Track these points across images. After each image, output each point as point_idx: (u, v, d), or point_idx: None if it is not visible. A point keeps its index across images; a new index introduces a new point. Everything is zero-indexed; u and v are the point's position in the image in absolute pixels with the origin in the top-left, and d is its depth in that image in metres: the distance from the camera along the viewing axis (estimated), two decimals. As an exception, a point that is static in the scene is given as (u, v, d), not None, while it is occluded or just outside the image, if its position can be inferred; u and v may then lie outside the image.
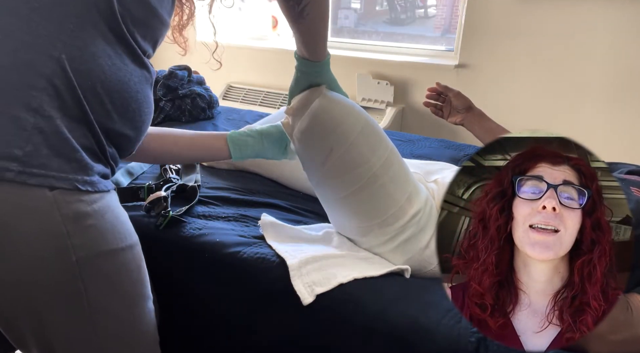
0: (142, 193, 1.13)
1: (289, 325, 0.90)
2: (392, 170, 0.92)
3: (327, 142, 0.89)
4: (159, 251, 1.04)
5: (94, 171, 0.69)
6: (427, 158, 1.57)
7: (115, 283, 0.73)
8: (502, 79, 2.50)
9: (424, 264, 0.96)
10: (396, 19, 3.14)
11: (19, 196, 0.62)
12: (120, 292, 0.74)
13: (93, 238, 0.68)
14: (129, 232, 0.75)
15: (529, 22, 2.34)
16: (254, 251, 0.96)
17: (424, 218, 0.94)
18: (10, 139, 0.61)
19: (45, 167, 0.63)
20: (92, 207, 0.67)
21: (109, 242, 0.70)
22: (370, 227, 0.95)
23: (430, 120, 2.77)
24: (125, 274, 0.74)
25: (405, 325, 0.81)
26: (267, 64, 3.19)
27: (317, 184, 0.98)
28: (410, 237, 0.94)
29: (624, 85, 2.22)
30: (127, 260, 0.74)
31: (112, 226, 0.71)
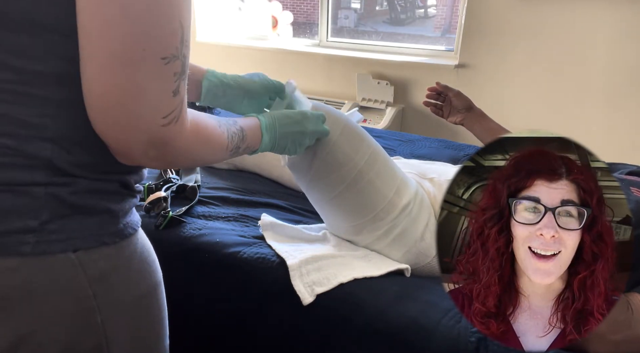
0: (142, 193, 1.13)
1: (289, 325, 0.90)
2: (377, 166, 0.94)
3: (311, 148, 0.91)
4: (158, 251, 1.04)
5: (121, 214, 0.62)
6: (427, 158, 1.57)
7: (138, 329, 0.66)
8: (502, 79, 2.50)
9: (421, 257, 0.97)
10: (396, 19, 3.15)
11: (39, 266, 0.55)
12: (139, 338, 0.67)
13: (121, 293, 0.62)
14: (155, 271, 0.69)
15: (529, 22, 2.34)
16: (254, 251, 0.96)
17: (415, 210, 0.96)
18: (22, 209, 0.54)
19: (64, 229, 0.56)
20: (120, 259, 0.61)
21: (134, 289, 0.64)
22: (362, 224, 0.96)
23: (430, 120, 2.77)
24: (146, 318, 0.68)
25: (405, 325, 0.81)
26: (267, 64, 3.19)
27: (307, 189, 1.00)
28: (404, 230, 0.95)
29: (624, 85, 2.22)
30: (151, 303, 0.68)
31: (139, 272, 0.65)
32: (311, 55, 3.02)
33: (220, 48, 3.27)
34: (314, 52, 3.00)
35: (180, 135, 0.57)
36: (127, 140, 0.55)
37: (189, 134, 0.59)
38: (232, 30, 3.42)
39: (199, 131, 0.63)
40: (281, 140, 0.81)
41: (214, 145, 0.67)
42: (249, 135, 0.76)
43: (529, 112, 2.48)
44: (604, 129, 2.32)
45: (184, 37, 0.54)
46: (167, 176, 1.24)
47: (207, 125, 0.65)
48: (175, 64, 0.53)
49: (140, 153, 0.57)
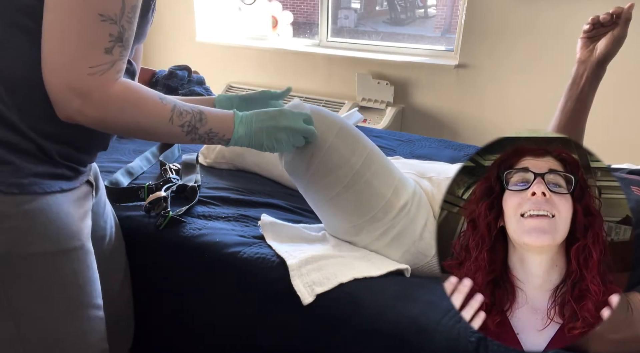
0: (142, 193, 1.13)
1: (289, 325, 0.90)
2: (375, 167, 0.95)
3: (307, 149, 0.92)
4: (159, 251, 1.04)
5: (30, 172, 0.68)
6: (427, 158, 1.57)
7: (42, 287, 0.71)
8: (502, 78, 2.50)
9: (420, 257, 0.97)
10: (396, 19, 3.15)
11: None
12: (49, 297, 0.73)
13: (13, 239, 0.68)
14: (68, 236, 0.73)
15: (529, 22, 2.34)
16: (254, 251, 0.96)
17: (413, 209, 0.96)
18: None
19: None
20: (17, 209, 0.67)
21: (33, 244, 0.69)
22: (361, 225, 0.96)
23: (430, 120, 2.78)
24: (55, 279, 0.72)
25: (405, 325, 0.81)
26: (267, 64, 3.19)
27: (304, 191, 1.00)
28: (403, 230, 0.96)
29: (624, 85, 2.22)
30: (61, 264, 0.72)
31: (43, 229, 0.70)
32: (311, 55, 3.02)
33: (220, 48, 3.27)
34: (314, 52, 3.00)
35: (101, 88, 0.65)
36: (54, 82, 0.64)
37: (114, 91, 0.66)
38: (232, 30, 3.43)
39: (128, 92, 0.69)
40: (257, 134, 0.84)
41: (148, 111, 0.72)
42: (212, 120, 0.80)
43: (528, 112, 2.48)
44: (604, 128, 2.32)
45: (126, 11, 0.64)
46: (167, 176, 1.24)
47: (142, 91, 0.72)
48: (111, 26, 0.63)
49: (65, 100, 0.65)
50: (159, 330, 1.11)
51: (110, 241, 0.95)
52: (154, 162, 1.42)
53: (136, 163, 1.35)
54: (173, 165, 1.33)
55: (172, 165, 1.32)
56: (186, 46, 3.37)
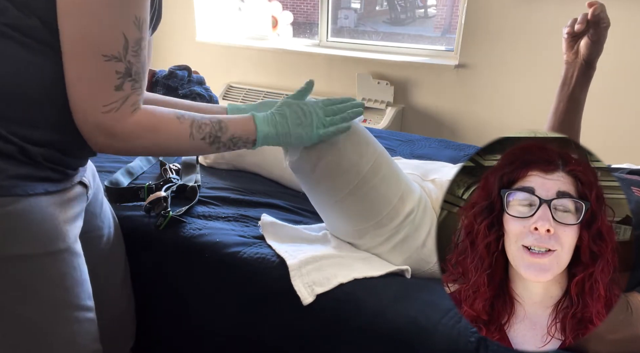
0: (142, 193, 1.13)
1: (289, 325, 0.90)
2: (382, 172, 0.93)
3: (315, 151, 0.90)
4: (158, 251, 1.04)
5: (11, 174, 0.68)
6: (427, 158, 1.57)
7: (25, 288, 0.71)
8: (501, 78, 2.50)
9: (422, 263, 0.96)
10: (396, 19, 3.15)
11: None
12: (34, 299, 0.72)
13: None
14: (53, 237, 0.73)
15: (529, 22, 2.34)
16: (254, 251, 0.96)
17: (418, 217, 0.95)
18: None
19: None
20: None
21: (15, 246, 0.69)
22: (365, 229, 0.95)
23: (430, 120, 2.78)
24: (42, 280, 0.72)
25: (404, 325, 0.81)
26: (267, 64, 3.19)
27: (309, 191, 1.00)
28: (406, 237, 0.95)
29: (624, 85, 2.22)
30: (45, 266, 0.72)
31: (26, 231, 0.69)
32: (311, 55, 3.02)
33: (220, 48, 3.27)
34: (314, 52, 3.00)
35: (119, 123, 0.69)
36: (79, 120, 0.68)
37: (131, 122, 0.70)
38: (232, 30, 3.42)
39: (146, 120, 0.72)
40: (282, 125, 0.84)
41: (167, 133, 0.75)
42: (233, 126, 0.81)
43: (528, 112, 2.48)
44: (604, 128, 2.32)
45: (130, 46, 0.67)
46: (167, 176, 1.24)
47: (159, 115, 0.74)
48: (117, 64, 0.66)
49: (92, 137, 0.69)
50: (159, 330, 1.11)
51: (109, 241, 0.95)
52: (154, 162, 1.42)
53: (136, 163, 1.35)
54: (173, 165, 1.33)
55: (172, 165, 1.32)
56: (186, 46, 3.37)
